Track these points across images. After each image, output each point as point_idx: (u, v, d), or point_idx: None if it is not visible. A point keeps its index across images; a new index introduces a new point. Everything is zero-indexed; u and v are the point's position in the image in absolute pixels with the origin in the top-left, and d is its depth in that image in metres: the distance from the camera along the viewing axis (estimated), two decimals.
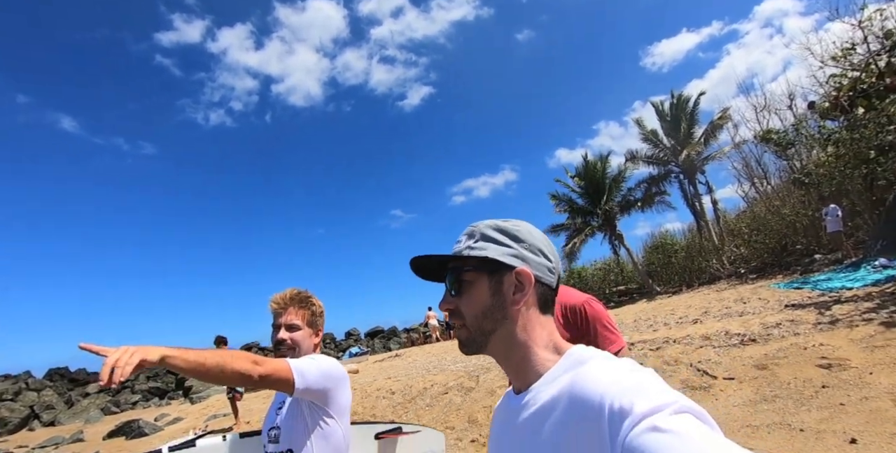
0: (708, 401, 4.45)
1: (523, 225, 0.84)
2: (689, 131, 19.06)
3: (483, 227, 0.83)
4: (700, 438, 0.48)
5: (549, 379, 0.72)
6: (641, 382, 0.59)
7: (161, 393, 23.38)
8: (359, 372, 12.51)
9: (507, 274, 0.79)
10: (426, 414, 6.50)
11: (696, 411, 0.53)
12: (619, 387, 0.58)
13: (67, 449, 11.22)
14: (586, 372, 0.66)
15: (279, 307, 1.69)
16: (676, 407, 0.52)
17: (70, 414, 18.27)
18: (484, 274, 0.80)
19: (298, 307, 1.71)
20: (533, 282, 0.78)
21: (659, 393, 0.56)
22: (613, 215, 19.51)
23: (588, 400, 0.60)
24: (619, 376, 0.61)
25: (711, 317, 7.94)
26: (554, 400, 0.68)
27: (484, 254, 0.79)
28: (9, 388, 21.88)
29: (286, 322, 1.67)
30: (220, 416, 11.40)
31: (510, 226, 0.83)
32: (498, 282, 0.79)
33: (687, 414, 0.52)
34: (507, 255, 0.79)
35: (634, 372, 0.63)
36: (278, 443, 1.58)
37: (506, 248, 0.80)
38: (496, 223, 0.84)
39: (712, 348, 5.66)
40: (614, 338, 1.68)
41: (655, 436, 0.49)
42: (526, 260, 0.79)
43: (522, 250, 0.80)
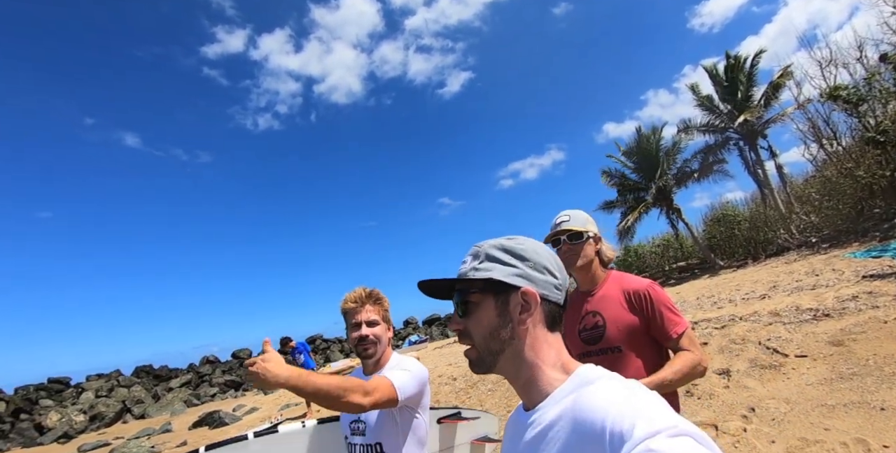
0: (779, 381, 4.25)
1: (528, 242, 0.85)
2: (747, 94, 17.93)
3: (487, 248, 0.84)
4: None
5: (555, 399, 0.73)
6: (643, 405, 0.59)
7: (236, 385, 24.84)
8: (420, 359, 12.79)
9: (512, 294, 0.79)
10: (488, 398, 6.57)
11: (695, 434, 0.53)
12: (620, 410, 0.59)
13: (158, 439, 12.14)
14: (590, 394, 0.67)
15: (357, 305, 1.76)
16: (675, 431, 0.53)
17: (157, 407, 19.74)
18: (490, 295, 0.80)
19: (373, 304, 1.78)
20: (538, 302, 0.78)
21: (659, 416, 0.56)
22: (669, 189, 18.76)
23: (591, 423, 0.61)
24: (621, 399, 0.62)
25: (780, 292, 7.53)
26: (558, 420, 0.69)
27: (488, 275, 0.80)
28: (103, 386, 23.94)
29: (366, 319, 1.74)
30: (291, 406, 11.99)
31: (514, 245, 0.83)
32: (504, 302, 0.79)
33: (685, 436, 0.53)
34: (511, 276, 0.79)
35: (638, 394, 0.63)
36: (365, 436, 1.66)
37: (510, 268, 0.80)
38: (500, 242, 0.84)
39: (782, 324, 5.37)
40: (679, 320, 1.70)
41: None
42: (531, 279, 0.80)
43: (527, 269, 0.80)
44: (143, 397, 22.20)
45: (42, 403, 21.41)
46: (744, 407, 3.94)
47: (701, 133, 19.14)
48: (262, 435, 1.90)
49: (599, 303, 1.80)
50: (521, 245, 0.83)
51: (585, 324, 1.81)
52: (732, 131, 18.33)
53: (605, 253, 1.87)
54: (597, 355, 1.76)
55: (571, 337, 1.86)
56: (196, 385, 25.42)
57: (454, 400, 6.89)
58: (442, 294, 0.90)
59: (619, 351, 1.71)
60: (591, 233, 1.83)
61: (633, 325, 1.70)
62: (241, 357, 29.58)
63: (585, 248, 1.82)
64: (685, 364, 1.60)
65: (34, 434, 17.80)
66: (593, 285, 1.86)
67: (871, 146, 11.87)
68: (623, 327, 1.71)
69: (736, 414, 3.87)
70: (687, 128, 19.24)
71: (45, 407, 20.79)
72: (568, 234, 1.82)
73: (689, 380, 1.65)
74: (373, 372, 1.76)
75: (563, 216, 1.88)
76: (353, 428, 1.73)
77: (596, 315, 1.78)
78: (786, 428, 3.46)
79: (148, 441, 11.79)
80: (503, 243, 0.83)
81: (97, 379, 25.58)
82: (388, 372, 1.64)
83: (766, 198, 17.25)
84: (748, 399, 4.07)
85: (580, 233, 1.81)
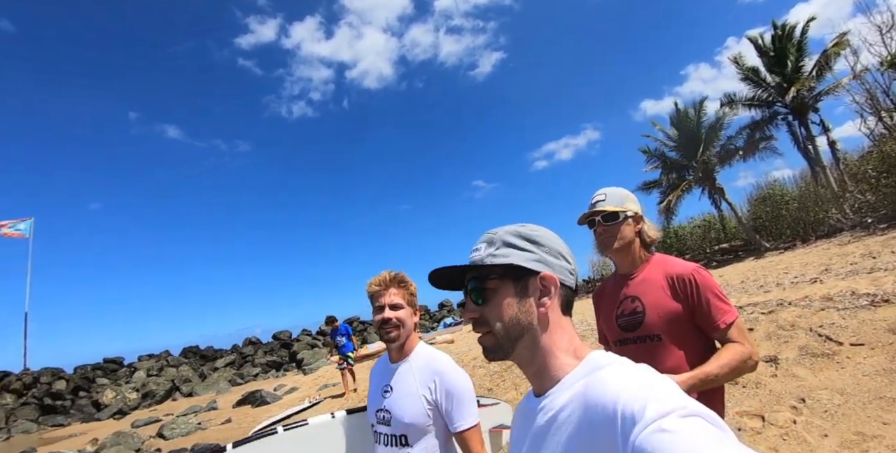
0: (832, 370, 4.01)
1: (541, 229, 0.85)
2: (797, 65, 16.87)
3: (503, 234, 0.84)
4: (705, 438, 0.50)
5: (566, 385, 0.73)
6: (654, 388, 0.60)
7: (277, 365, 25.77)
8: (454, 342, 12.85)
9: (531, 279, 0.80)
10: (523, 382, 6.50)
11: (706, 415, 0.54)
12: (631, 393, 0.60)
13: (205, 416, 12.72)
14: (601, 378, 0.67)
15: (380, 288, 1.74)
16: (686, 411, 0.54)
17: (204, 386, 20.71)
18: (509, 281, 0.81)
19: (398, 287, 1.75)
20: (558, 286, 0.80)
21: (670, 397, 0.57)
22: (712, 167, 18.00)
23: (602, 406, 0.62)
24: (632, 382, 0.62)
25: (833, 276, 7.12)
26: (569, 405, 0.69)
27: (507, 260, 0.80)
28: (153, 365, 25.23)
29: (389, 302, 1.72)
30: (329, 386, 12.32)
31: (530, 232, 0.84)
32: (523, 287, 0.80)
33: (696, 417, 0.53)
34: (530, 261, 0.80)
35: (648, 378, 0.64)
36: (390, 426, 1.64)
37: (528, 254, 0.81)
38: (515, 229, 0.84)
39: (836, 310, 5.07)
40: (727, 308, 1.55)
41: (662, 436, 0.51)
42: (549, 264, 0.81)
43: (544, 254, 0.81)
44: (191, 376, 23.33)
45: (98, 382, 22.76)
46: (793, 398, 3.74)
47: (746, 107, 18.17)
48: (292, 429, 1.92)
49: (639, 287, 1.68)
50: (536, 231, 0.84)
51: (624, 309, 1.70)
52: (781, 105, 17.35)
53: (646, 233, 1.73)
54: (634, 343, 1.64)
55: (608, 322, 1.76)
56: (239, 365, 26.50)
57: (488, 384, 6.86)
58: (454, 284, 0.89)
59: (658, 339, 1.59)
60: (628, 212, 1.70)
61: (675, 313, 1.57)
62: (282, 338, 30.59)
63: (623, 229, 1.70)
64: (734, 357, 1.47)
65: (92, 410, 18.99)
66: (633, 268, 1.74)
67: None
68: (664, 314, 1.59)
69: (785, 405, 3.68)
70: (731, 103, 18.29)
71: (101, 385, 22.12)
72: (602, 215, 1.70)
73: (738, 376, 1.52)
74: (398, 360, 1.75)
75: (599, 195, 1.76)
76: (378, 418, 1.71)
77: (635, 300, 1.67)
78: (840, 421, 3.26)
79: (195, 417, 12.38)
80: (518, 230, 0.84)
81: (148, 359, 26.99)
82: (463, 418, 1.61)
83: (818, 176, 16.33)
84: (798, 389, 3.86)
85: (616, 213, 1.69)
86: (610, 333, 1.77)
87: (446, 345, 12.38)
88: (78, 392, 20.94)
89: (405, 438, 1.62)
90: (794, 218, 15.85)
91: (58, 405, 19.23)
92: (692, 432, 0.51)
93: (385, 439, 1.67)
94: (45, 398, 19.58)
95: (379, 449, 1.70)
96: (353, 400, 9.28)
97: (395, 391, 1.68)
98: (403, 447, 1.62)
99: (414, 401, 1.62)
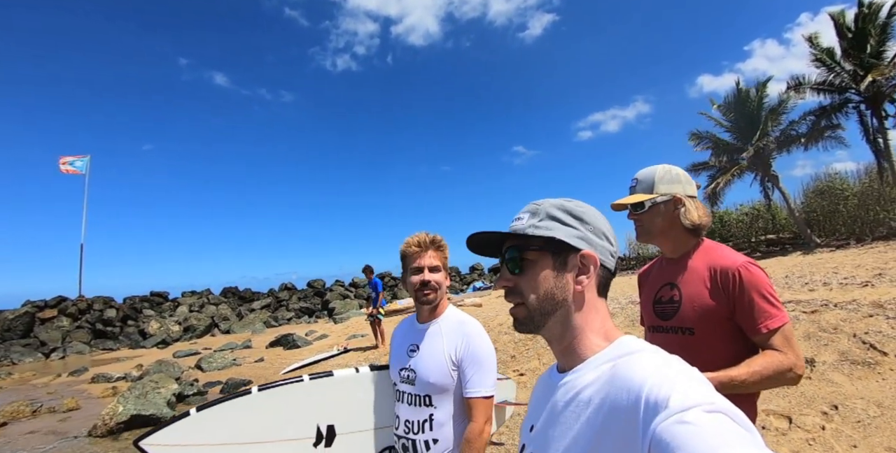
0: (871, 380, 3.93)
1: (587, 207, 0.84)
2: (878, 49, 15.43)
3: (548, 206, 0.82)
4: (727, 436, 0.49)
5: (593, 365, 0.73)
6: (682, 379, 0.59)
7: (310, 312, 26.86)
8: (482, 306, 13.06)
9: (571, 255, 0.79)
10: (546, 353, 6.61)
11: (732, 412, 0.53)
12: (658, 381, 0.59)
13: (240, 353, 13.48)
14: (630, 362, 0.67)
15: (420, 249, 1.72)
16: (712, 407, 0.53)
17: (241, 325, 21.87)
18: (548, 254, 0.80)
19: (436, 250, 1.75)
20: (598, 266, 0.78)
21: (697, 391, 0.57)
22: (768, 153, 17.02)
23: (627, 390, 0.61)
24: (661, 371, 0.62)
25: (888, 281, 6.82)
26: (593, 385, 0.69)
27: (550, 233, 0.79)
28: (195, 302, 26.71)
29: (428, 264, 1.71)
30: (358, 336, 12.80)
31: (575, 207, 0.82)
32: (562, 263, 0.79)
33: (720, 413, 0.52)
34: (573, 237, 0.79)
35: (679, 369, 0.63)
36: (414, 386, 1.66)
37: (572, 230, 0.80)
38: (561, 202, 0.83)
39: (885, 318, 4.90)
40: (775, 311, 1.40)
41: (683, 428, 0.51)
42: (591, 242, 0.80)
43: (588, 232, 0.80)
44: (229, 315, 24.67)
45: (145, 313, 24.33)
46: (826, 403, 3.70)
47: (815, 92, 16.84)
48: (317, 379, 1.98)
49: (681, 275, 1.58)
50: (581, 207, 0.83)
51: (661, 295, 1.62)
52: (854, 92, 16.10)
53: (686, 216, 1.55)
54: (666, 332, 1.57)
55: (646, 306, 1.69)
56: (274, 308, 27.79)
57: (512, 351, 6.99)
58: (491, 250, 0.89)
59: (690, 333, 1.49)
60: (658, 198, 1.57)
61: (711, 308, 1.46)
62: (316, 287, 31.71)
63: (653, 218, 1.59)
64: (769, 366, 1.33)
65: (138, 338, 20.43)
66: (677, 254, 1.63)
67: None
68: (699, 308, 1.48)
69: (815, 409, 3.65)
70: (799, 86, 17.01)
71: (147, 316, 23.66)
72: (632, 204, 1.60)
73: (772, 386, 1.40)
74: (428, 320, 1.75)
75: (633, 179, 1.65)
76: (402, 376, 1.72)
77: (674, 288, 1.58)
78: (872, 433, 3.22)
79: (231, 354, 13.15)
80: (564, 204, 0.83)
81: (191, 295, 28.58)
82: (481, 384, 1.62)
83: (885, 173, 15.31)
84: (832, 395, 3.81)
85: (641, 203, 1.58)
86: (646, 318, 1.71)
87: (474, 308, 12.60)
88: (126, 320, 22.50)
89: (429, 398, 1.63)
90: (852, 215, 15.01)
91: (108, 331, 20.77)
92: (715, 428, 0.50)
93: (408, 398, 1.68)
94: (97, 323, 21.18)
95: (401, 407, 1.71)
96: (378, 354, 9.64)
97: (421, 351, 1.69)
98: (427, 407, 1.63)
99: (440, 362, 1.63)
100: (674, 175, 1.62)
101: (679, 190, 1.59)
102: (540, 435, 0.78)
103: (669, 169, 1.64)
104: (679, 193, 1.59)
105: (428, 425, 1.63)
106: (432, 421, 1.62)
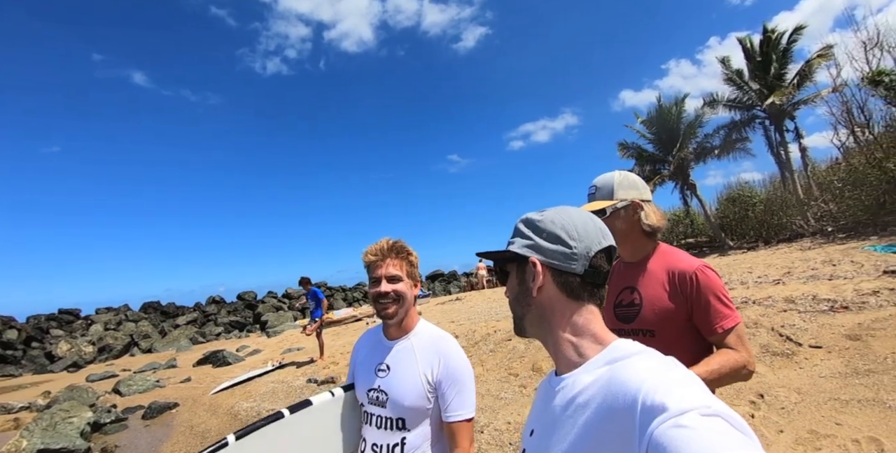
0: (791, 369, 4.25)
1: (550, 213, 0.87)
2: (779, 72, 17.12)
3: (519, 222, 0.91)
4: (723, 439, 0.50)
5: (588, 368, 0.75)
6: (679, 383, 0.61)
7: (240, 326, 25.56)
8: (422, 314, 12.98)
9: (527, 264, 0.85)
10: (489, 359, 6.65)
11: (728, 416, 0.54)
12: (654, 384, 0.60)
13: (164, 373, 12.56)
14: (627, 365, 0.68)
15: (377, 258, 1.58)
16: (708, 411, 0.54)
17: (164, 343, 20.40)
18: (514, 265, 0.89)
19: (396, 257, 1.60)
20: (541, 271, 0.82)
21: (694, 395, 0.57)
22: (687, 163, 18.36)
23: (624, 394, 0.62)
24: (657, 373, 0.63)
25: (795, 279, 7.46)
26: (590, 388, 0.70)
27: (510, 248, 0.88)
28: (112, 319, 24.67)
29: (386, 274, 1.56)
30: (294, 350, 12.28)
31: (536, 217, 0.88)
32: (522, 272, 0.86)
33: (717, 417, 0.53)
34: (523, 247, 0.86)
35: (675, 372, 0.65)
36: (385, 408, 1.54)
37: (525, 241, 0.87)
38: (526, 216, 0.90)
39: (797, 313, 5.34)
40: (729, 312, 1.47)
41: (680, 432, 0.52)
42: (540, 250, 0.84)
43: (540, 240, 0.85)
44: (150, 332, 22.94)
45: (53, 333, 22.16)
46: (753, 393, 3.95)
47: (727, 109, 18.48)
48: (298, 411, 1.76)
49: (640, 278, 1.61)
50: (542, 216, 0.87)
51: (622, 299, 1.64)
52: (760, 109, 17.70)
53: (644, 221, 1.61)
54: (628, 335, 1.53)
55: (607, 310, 1.68)
56: (202, 323, 26.19)
57: None
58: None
59: (651, 335, 1.53)
60: (619, 203, 1.61)
61: (671, 310, 1.51)
62: (247, 299, 30.30)
63: (614, 223, 1.60)
64: (726, 363, 1.39)
65: (45, 361, 18.51)
66: (636, 258, 1.67)
67: None
68: (659, 310, 1.53)
69: (744, 399, 3.89)
70: (713, 102, 18.54)
71: (55, 336, 21.54)
72: (594, 211, 1.59)
73: (728, 383, 1.45)
74: (397, 337, 1.62)
75: (591, 187, 1.68)
76: (370, 397, 1.58)
77: (634, 291, 1.61)
78: (795, 418, 3.47)
79: (154, 375, 12.22)
80: (529, 216, 0.89)
81: (106, 312, 26.37)
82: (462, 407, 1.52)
83: (786, 182, 16.88)
84: (758, 385, 4.07)
85: (602, 209, 1.60)
86: (608, 321, 1.70)
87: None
88: (30, 342, 20.38)
89: (402, 421, 1.52)
90: (760, 220, 16.40)
91: (8, 355, 18.69)
92: (711, 431, 0.51)
93: (378, 421, 1.55)
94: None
95: (369, 430, 1.58)
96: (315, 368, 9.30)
97: (393, 371, 1.56)
98: (400, 430, 1.52)
99: (415, 384, 1.51)
100: (631, 181, 1.66)
101: (636, 195, 1.64)
102: (539, 439, 0.80)
103: (626, 175, 1.68)
104: (637, 198, 1.64)
105: (399, 449, 1.51)
106: (404, 444, 1.51)
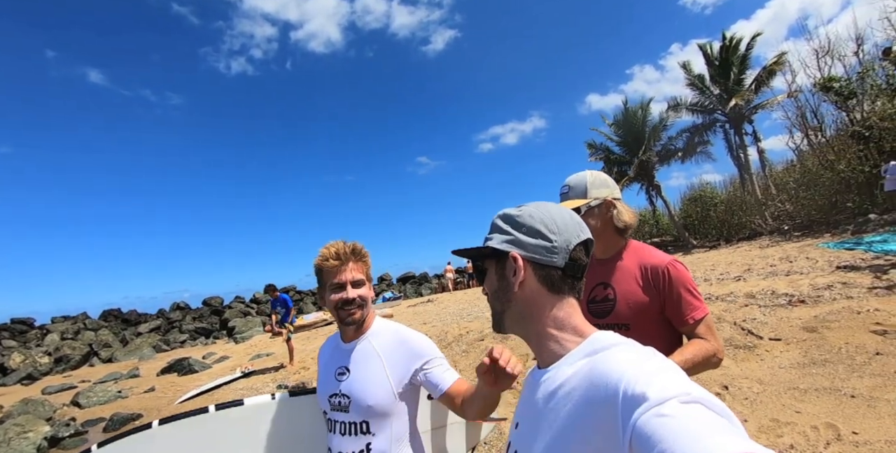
0: (752, 361, 4.41)
1: (529, 208, 0.88)
2: (738, 77, 17.81)
3: (495, 218, 0.91)
4: (704, 425, 0.51)
5: (569, 361, 0.76)
6: (659, 371, 0.61)
7: (206, 332, 24.89)
8: (393, 316, 12.92)
9: (506, 259, 0.85)
10: (462, 360, 6.66)
11: (708, 401, 0.55)
12: (635, 374, 0.61)
13: (126, 383, 12.11)
14: (607, 357, 0.69)
15: (339, 262, 1.51)
16: (687, 398, 0.55)
17: (125, 352, 19.65)
18: (493, 261, 0.89)
19: (357, 261, 1.55)
20: (522, 266, 0.82)
21: (673, 383, 0.58)
22: (652, 165, 18.89)
23: (605, 385, 0.63)
24: (637, 364, 0.64)
25: (755, 275, 7.75)
26: (572, 380, 0.71)
27: (488, 243, 0.88)
28: (69, 328, 23.66)
29: (351, 279, 1.52)
30: (263, 356, 12.04)
31: (514, 212, 0.88)
32: (501, 267, 0.86)
33: (697, 404, 0.54)
34: (502, 242, 0.86)
35: (654, 361, 0.66)
36: (348, 413, 1.49)
37: (504, 236, 0.87)
38: (504, 211, 0.90)
39: (758, 307, 5.55)
40: (698, 304, 1.55)
41: (661, 421, 0.53)
42: (520, 244, 0.84)
43: (519, 235, 0.85)
44: (111, 341, 22.05)
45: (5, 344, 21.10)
46: (717, 385, 4.08)
47: (689, 112, 19.10)
48: (225, 408, 1.71)
49: (613, 274, 1.66)
50: (521, 211, 0.87)
51: (596, 295, 1.68)
52: (720, 113, 18.37)
53: (618, 218, 1.66)
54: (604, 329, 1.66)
55: (582, 306, 1.75)
56: (166, 331, 25.39)
57: None
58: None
59: (626, 328, 1.57)
60: (592, 202, 1.65)
61: (645, 304, 1.57)
62: (213, 304, 29.55)
63: (588, 221, 1.62)
64: (698, 353, 1.46)
65: None
66: (608, 255, 1.72)
67: (855, 140, 12.04)
68: (633, 304, 1.58)
69: (709, 391, 4.01)
70: (676, 106, 19.14)
71: (7, 347, 20.49)
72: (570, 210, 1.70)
73: (700, 371, 1.51)
74: (354, 339, 1.58)
75: (564, 186, 1.72)
76: (333, 403, 1.53)
77: (607, 287, 1.65)
78: (758, 407, 3.60)
79: (115, 385, 11.75)
80: (507, 212, 0.89)
81: (63, 321, 25.27)
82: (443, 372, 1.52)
83: (745, 183, 17.53)
84: (721, 377, 4.21)
85: (577, 208, 1.64)
86: None
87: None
88: None
89: (366, 425, 1.47)
90: (721, 219, 16.97)
91: None
92: (692, 418, 0.52)
93: (342, 427, 1.50)
94: None
95: (334, 438, 1.52)
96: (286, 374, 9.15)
97: (353, 373, 1.52)
98: (365, 434, 1.46)
99: (380, 383, 1.48)
100: (602, 179, 1.71)
101: (608, 193, 1.69)
102: (524, 433, 0.81)
103: (598, 174, 1.72)
104: (609, 197, 1.69)
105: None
106: (369, 450, 1.46)
